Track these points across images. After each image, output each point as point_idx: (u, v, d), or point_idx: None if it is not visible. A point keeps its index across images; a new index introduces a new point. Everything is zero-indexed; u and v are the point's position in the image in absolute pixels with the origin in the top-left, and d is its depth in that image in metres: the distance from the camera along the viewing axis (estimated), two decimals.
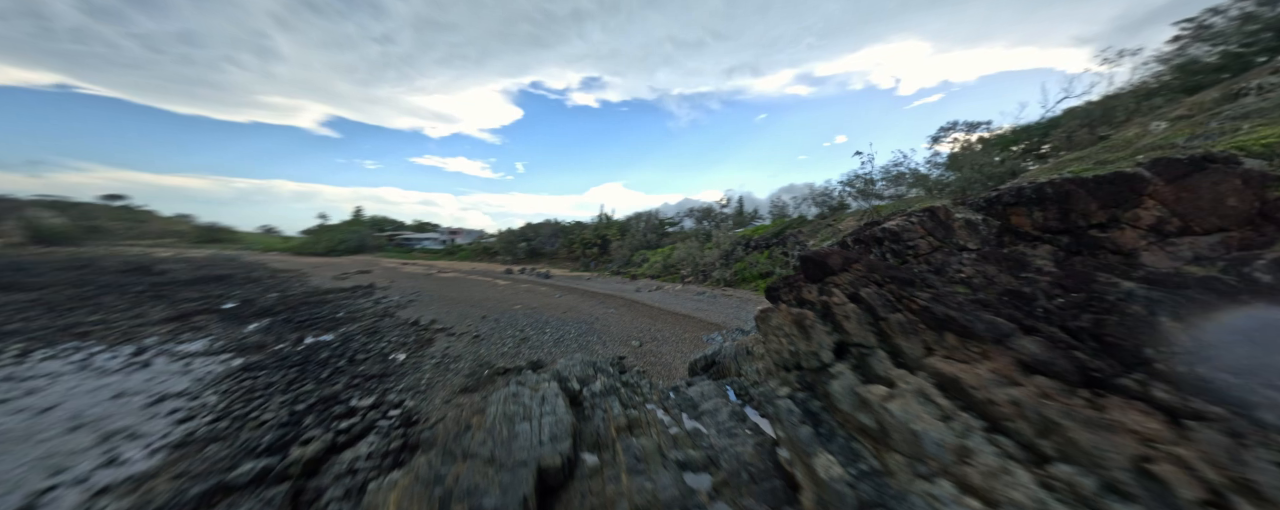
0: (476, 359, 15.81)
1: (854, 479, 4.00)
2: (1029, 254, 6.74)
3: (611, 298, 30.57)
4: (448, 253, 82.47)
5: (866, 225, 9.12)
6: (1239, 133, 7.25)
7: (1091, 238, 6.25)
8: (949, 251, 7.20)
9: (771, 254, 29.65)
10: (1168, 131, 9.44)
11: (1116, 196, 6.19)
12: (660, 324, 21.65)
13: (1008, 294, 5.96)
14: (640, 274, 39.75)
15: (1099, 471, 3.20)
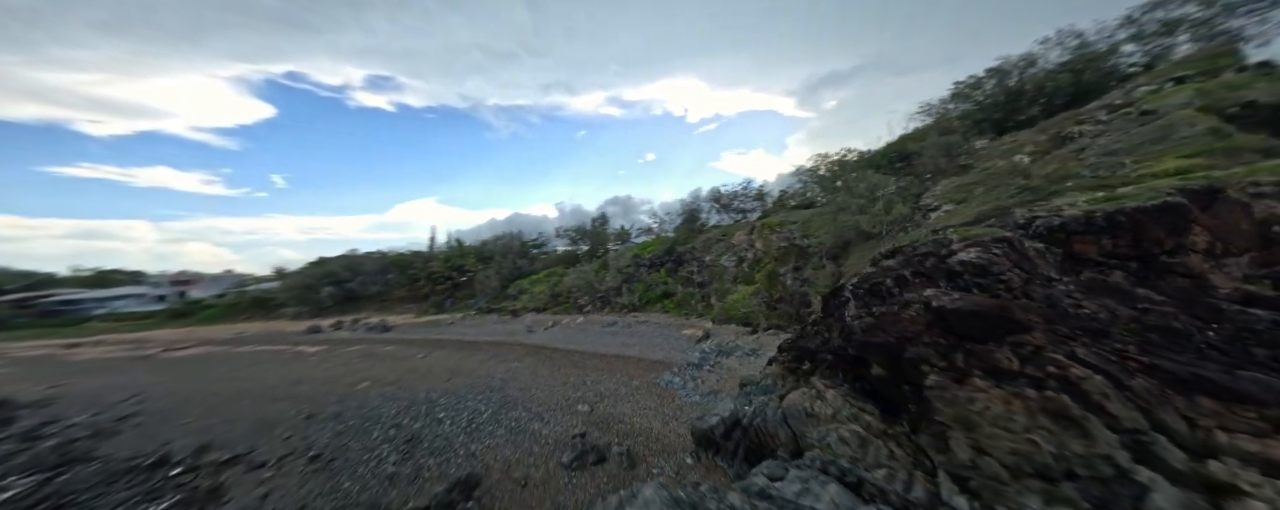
0: (343, 505, 9.47)
1: None
2: (1120, 282, 6.52)
3: (502, 345, 24.76)
4: (176, 315, 54.23)
5: (920, 256, 8.25)
6: (1139, 164, 9.03)
7: (1162, 263, 6.26)
8: (1042, 283, 6.63)
9: (670, 272, 29.14)
10: (1035, 164, 11.97)
11: (1176, 225, 6.32)
12: (593, 373, 17.98)
13: (1160, 331, 5.40)
14: (521, 308, 34.11)
15: None
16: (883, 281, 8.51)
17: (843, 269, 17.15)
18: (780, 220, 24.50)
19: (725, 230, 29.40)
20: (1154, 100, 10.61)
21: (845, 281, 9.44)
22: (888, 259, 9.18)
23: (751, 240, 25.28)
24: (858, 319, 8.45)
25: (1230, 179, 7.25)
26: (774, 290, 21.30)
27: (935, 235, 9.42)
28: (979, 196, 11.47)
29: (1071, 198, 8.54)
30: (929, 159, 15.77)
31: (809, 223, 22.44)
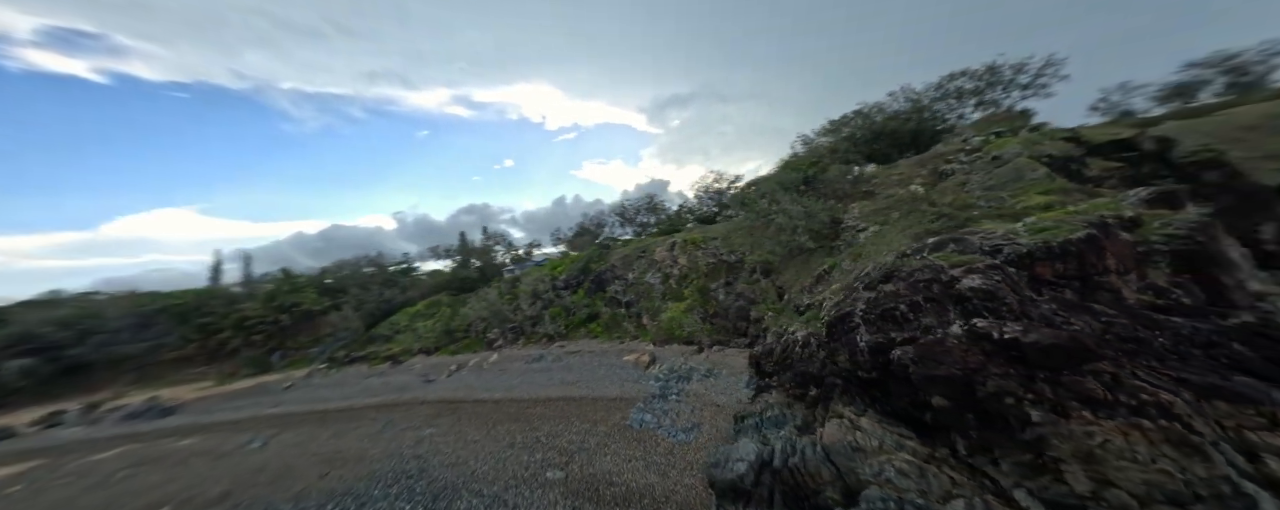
0: None
1: None
2: (1074, 299, 8.27)
3: (395, 406, 19.68)
4: None
5: (925, 281, 9.14)
6: (1015, 198, 11.92)
7: (1096, 282, 8.29)
8: (1031, 304, 8.03)
9: (590, 293, 27.57)
10: (931, 193, 14.97)
11: (1098, 251, 8.45)
12: (544, 424, 15.58)
13: (1134, 341, 6.96)
14: (402, 352, 27.82)
15: None
16: (895, 307, 9.20)
17: (778, 283, 18.68)
18: (701, 236, 25.57)
19: (644, 246, 29.33)
20: (996, 147, 14.98)
21: (852, 308, 9.94)
22: (884, 283, 10.02)
23: (675, 257, 25.72)
24: (889, 346, 8.93)
25: (1089, 212, 10.17)
26: (708, 306, 21.96)
27: (905, 257, 10.66)
28: (900, 220, 13.99)
29: (993, 225, 10.67)
30: (835, 184, 18.73)
31: (729, 238, 23.96)
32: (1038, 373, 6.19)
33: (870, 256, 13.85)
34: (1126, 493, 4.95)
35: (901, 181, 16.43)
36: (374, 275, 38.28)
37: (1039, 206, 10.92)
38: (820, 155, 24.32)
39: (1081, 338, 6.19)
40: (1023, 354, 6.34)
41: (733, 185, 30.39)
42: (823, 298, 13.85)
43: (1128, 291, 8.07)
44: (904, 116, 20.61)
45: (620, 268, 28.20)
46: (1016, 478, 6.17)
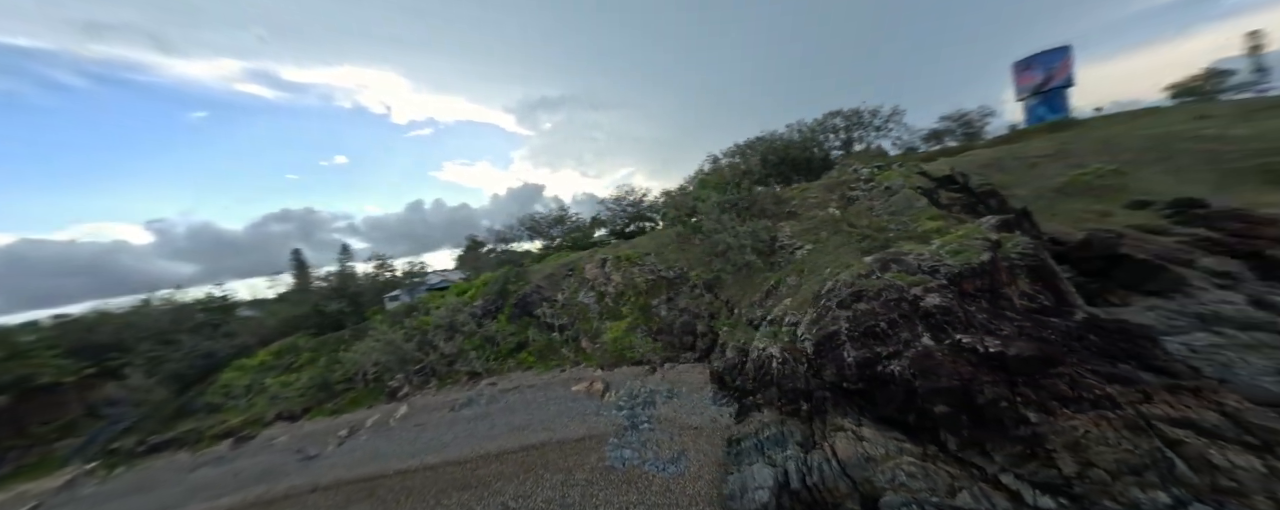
0: None
1: None
2: (989, 307, 10.84)
3: (274, 505, 14.75)
4: None
5: (893, 301, 10.82)
6: (914, 221, 15.02)
7: (1000, 293, 11.09)
8: (973, 314, 10.28)
9: (514, 319, 24.86)
10: (847, 216, 17.78)
11: (997, 268, 11.26)
12: (508, 484, 13.72)
13: (1044, 342, 9.50)
14: (244, 425, 20.96)
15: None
16: (875, 325, 10.62)
17: (723, 298, 19.80)
18: (634, 252, 25.46)
19: (568, 262, 27.77)
20: (883, 178, 18.89)
21: (837, 327, 11.10)
22: (857, 303, 11.47)
23: (608, 274, 25.05)
24: (875, 360, 10.19)
25: (969, 236, 13.47)
26: (651, 323, 22.01)
27: (864, 278, 12.42)
28: (830, 240, 16.39)
29: (911, 245, 13.23)
30: (763, 204, 20.92)
31: (663, 254, 24.45)
32: (1017, 378, 7.87)
33: (813, 272, 15.77)
34: (1103, 470, 6.64)
35: (819, 204, 19.33)
36: (180, 321, 27.40)
37: (934, 230, 14.05)
38: (736, 175, 26.76)
39: (1049, 348, 8.15)
40: (1005, 363, 8.01)
41: (645, 198, 31.16)
42: (780, 312, 15.20)
43: (1017, 300, 10.95)
44: (800, 146, 24.50)
45: (547, 288, 26.22)
46: (1006, 466, 7.70)
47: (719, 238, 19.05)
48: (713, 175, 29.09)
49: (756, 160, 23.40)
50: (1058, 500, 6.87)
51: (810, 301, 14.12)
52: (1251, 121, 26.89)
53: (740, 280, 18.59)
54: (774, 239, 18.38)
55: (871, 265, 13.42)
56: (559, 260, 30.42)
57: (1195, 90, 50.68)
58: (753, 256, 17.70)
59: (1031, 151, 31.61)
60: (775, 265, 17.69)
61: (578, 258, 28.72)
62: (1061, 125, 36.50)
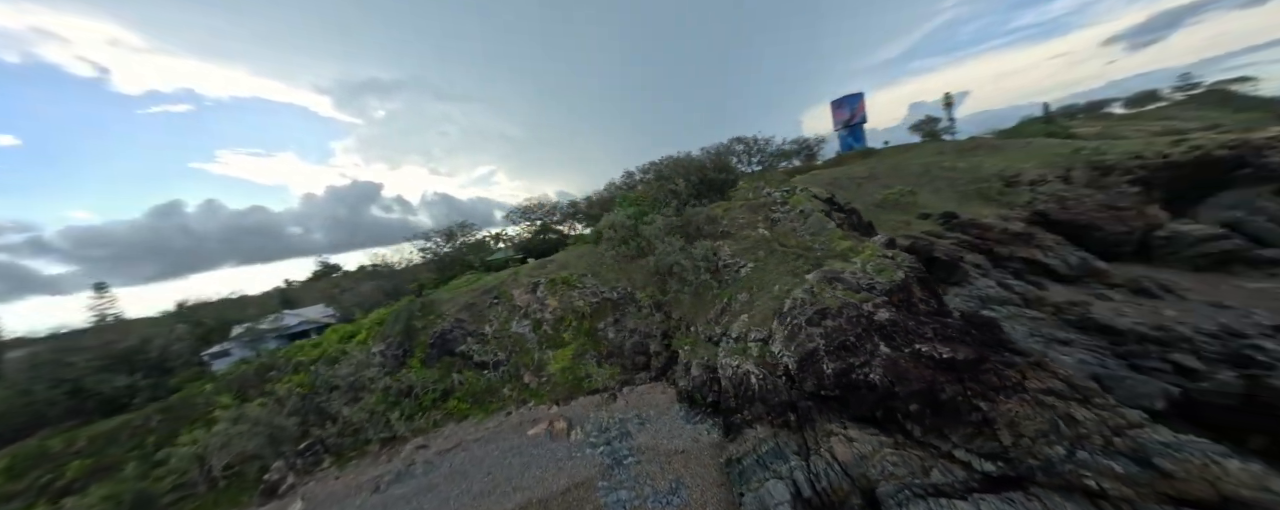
0: None
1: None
2: (912, 315, 14.24)
3: None
4: None
5: (852, 318, 13.25)
6: (832, 242, 18.41)
7: (912, 301, 14.57)
8: (911, 325, 13.36)
9: (429, 363, 20.89)
10: (776, 236, 20.47)
11: (909, 282, 14.80)
12: None
13: (954, 341, 13.00)
14: None
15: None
16: (845, 339, 12.79)
17: (674, 316, 20.54)
18: (570, 274, 24.14)
19: (489, 288, 24.66)
20: (795, 202, 22.37)
21: (816, 344, 12.96)
22: (825, 320, 13.57)
23: (541, 299, 23.26)
24: (849, 370, 12.26)
25: (873, 252, 17.21)
26: (599, 347, 21.46)
27: (816, 294, 14.73)
28: (768, 259, 18.67)
29: (838, 264, 16.25)
30: (698, 225, 22.31)
31: (602, 274, 23.91)
32: (964, 376, 10.65)
33: (762, 289, 17.82)
34: (1029, 438, 9.62)
35: (748, 225, 21.74)
36: None
37: (848, 249, 17.53)
38: (663, 193, 27.71)
39: (979, 350, 11.15)
40: (954, 365, 10.75)
41: (558, 211, 29.97)
42: (740, 329, 16.71)
43: (921, 306, 14.62)
44: (715, 168, 27.14)
45: (469, 320, 22.94)
46: (959, 443, 10.39)
47: (671, 259, 19.80)
48: (635, 192, 29.62)
49: (683, 182, 25.00)
50: (996, 465, 9.66)
51: (771, 317, 15.98)
52: (965, 158, 40.98)
53: (693, 299, 19.70)
54: (717, 258, 20.05)
55: (817, 282, 15.92)
56: (471, 286, 26.83)
57: (924, 130, 74.83)
58: (707, 276, 19.01)
59: (855, 173, 41.70)
60: (723, 283, 19.34)
61: (494, 281, 25.81)
62: (868, 153, 48.94)
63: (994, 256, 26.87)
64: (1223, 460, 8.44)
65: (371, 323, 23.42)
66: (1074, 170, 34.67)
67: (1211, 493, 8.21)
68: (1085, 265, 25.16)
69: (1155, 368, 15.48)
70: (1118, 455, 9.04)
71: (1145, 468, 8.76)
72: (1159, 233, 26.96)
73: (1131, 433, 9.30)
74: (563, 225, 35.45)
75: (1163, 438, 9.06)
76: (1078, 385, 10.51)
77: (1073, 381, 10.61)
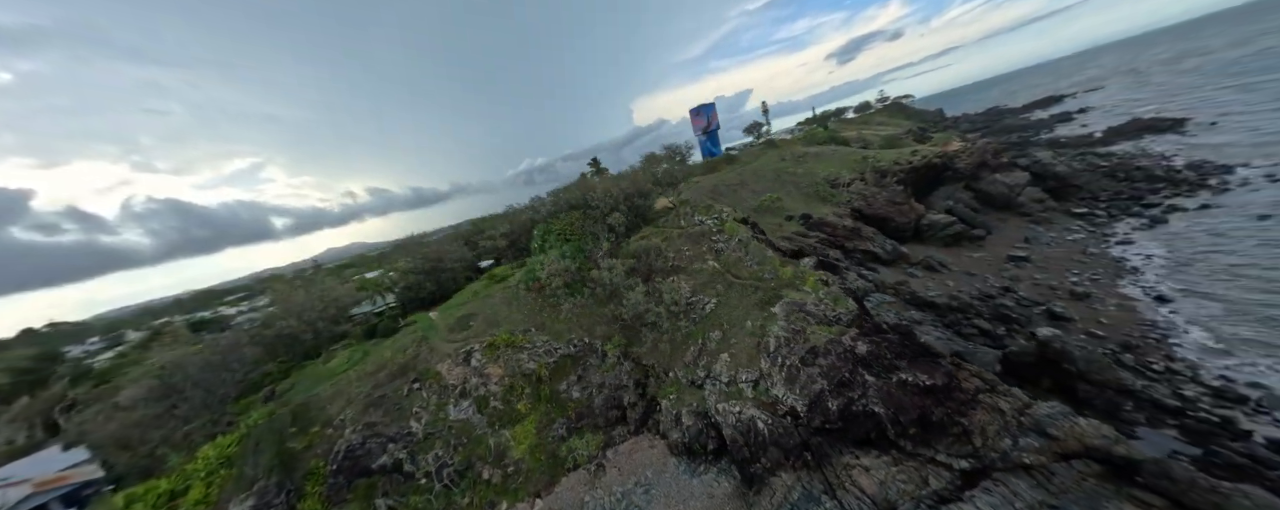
0: None
1: None
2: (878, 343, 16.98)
3: None
4: None
5: (841, 354, 15.03)
6: (776, 269, 20.26)
7: (865, 322, 17.41)
8: (884, 353, 15.91)
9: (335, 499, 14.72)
10: (730, 265, 21.14)
11: (863, 309, 17.67)
12: None
13: (940, 369, 16.22)
14: None
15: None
16: (841, 376, 14.40)
17: (644, 363, 19.43)
18: (507, 335, 20.12)
19: (415, 371, 18.68)
20: (732, 231, 23.34)
21: (821, 384, 14.21)
22: (819, 358, 14.95)
23: (479, 370, 18.95)
24: (850, 403, 13.90)
25: (809, 276, 19.64)
26: (566, 410, 19.03)
27: (799, 331, 16.16)
28: (729, 293, 19.17)
29: (796, 295, 18.19)
30: (650, 263, 21.08)
31: (552, 328, 20.81)
32: (943, 399, 13.28)
33: (733, 325, 18.42)
34: (991, 437, 12.68)
35: (696, 257, 21.83)
36: None
37: (793, 276, 19.60)
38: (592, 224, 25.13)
39: (952, 374, 13.87)
40: (934, 390, 13.29)
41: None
42: (724, 371, 17.01)
43: (868, 325, 17.51)
44: (640, 195, 25.98)
45: (383, 422, 17.21)
46: (941, 450, 13.09)
47: (641, 307, 18.55)
48: (559, 223, 26.44)
49: (620, 216, 23.23)
50: (969, 462, 12.57)
51: (757, 356, 16.74)
52: (801, 165, 50.59)
53: (666, 343, 19.07)
54: (680, 295, 19.80)
55: (786, 316, 17.34)
56: (360, 367, 19.97)
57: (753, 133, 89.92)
58: (683, 321, 18.55)
59: (729, 181, 46.87)
60: (692, 321, 19.28)
61: (398, 356, 19.82)
62: (731, 159, 55.34)
63: (845, 250, 34.28)
64: (1078, 420, 12.86)
65: (209, 465, 15.04)
66: (867, 174, 46.72)
67: (1079, 446, 12.44)
68: (896, 250, 34.42)
69: (970, 333, 22.41)
70: (1030, 432, 12.80)
71: (1046, 438, 12.66)
72: (923, 221, 38.84)
73: (1030, 412, 13.22)
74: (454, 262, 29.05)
75: (1046, 411, 13.18)
76: (986, 378, 14.33)
77: (982, 376, 14.41)
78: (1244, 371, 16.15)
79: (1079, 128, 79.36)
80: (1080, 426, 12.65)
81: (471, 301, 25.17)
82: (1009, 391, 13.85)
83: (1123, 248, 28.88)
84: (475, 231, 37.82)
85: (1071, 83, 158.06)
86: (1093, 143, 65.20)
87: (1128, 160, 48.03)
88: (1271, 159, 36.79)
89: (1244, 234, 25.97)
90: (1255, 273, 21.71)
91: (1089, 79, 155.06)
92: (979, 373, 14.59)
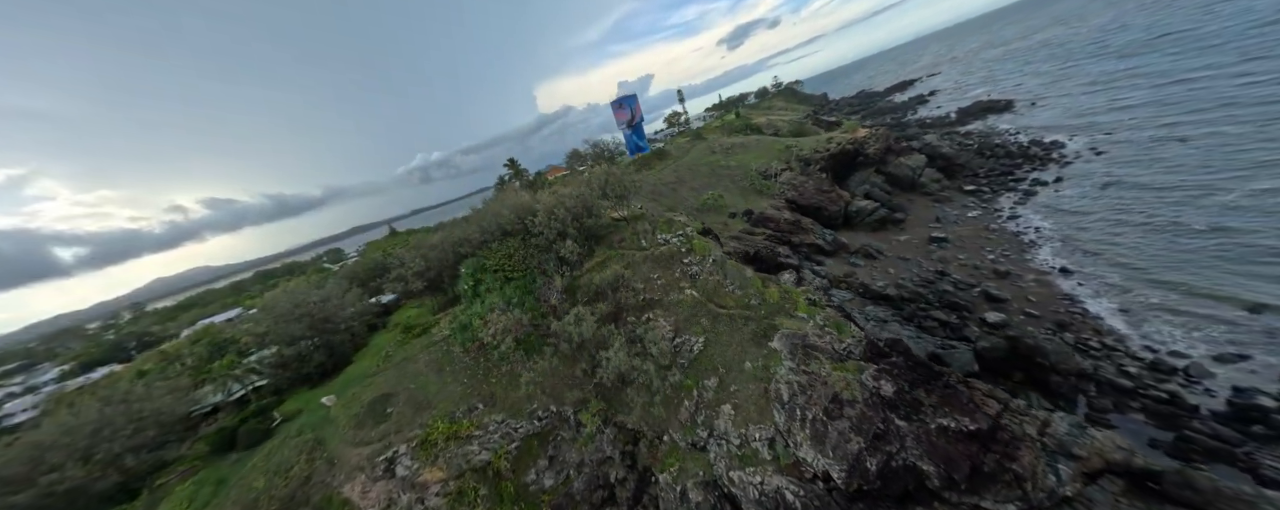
0: None
1: None
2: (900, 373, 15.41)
3: None
4: None
5: (869, 398, 13.08)
6: (760, 292, 17.83)
7: (875, 346, 15.83)
8: (911, 392, 14.25)
9: None
10: (707, 294, 17.98)
11: (871, 338, 16.01)
12: None
13: (980, 414, 14.87)
14: None
15: None
16: (875, 428, 12.39)
17: (629, 426, 15.75)
18: (446, 425, 14.76)
19: (315, 504, 12.45)
20: (701, 250, 20.06)
21: (856, 445, 12.03)
22: (845, 408, 12.78)
23: (412, 480, 13.56)
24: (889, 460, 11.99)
25: (806, 301, 17.60)
26: (539, 505, 14.75)
27: (819, 377, 13.92)
28: (716, 327, 16.12)
29: (789, 323, 16.01)
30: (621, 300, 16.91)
31: (504, 403, 15.89)
32: (990, 445, 11.88)
33: (729, 369, 15.58)
34: (1040, 475, 11.56)
35: (669, 286, 18.36)
36: None
37: (779, 298, 17.37)
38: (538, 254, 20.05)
39: (988, 418, 12.43)
40: (979, 435, 11.83)
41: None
42: (730, 428, 14.16)
43: (875, 352, 15.92)
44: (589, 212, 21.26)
45: None
46: (989, 497, 11.82)
47: (625, 366, 14.67)
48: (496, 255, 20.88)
49: (572, 243, 18.55)
50: (1017, 505, 11.44)
51: (765, 406, 14.13)
52: (732, 157, 49.79)
53: (658, 404, 15.55)
54: (660, 336, 16.34)
55: (788, 352, 15.00)
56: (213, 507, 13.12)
57: (673, 122, 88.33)
58: (673, 372, 15.10)
59: (666, 179, 44.07)
60: (680, 366, 16.02)
61: (277, 483, 13.44)
62: (662, 154, 52.52)
63: (792, 245, 33.88)
64: (1093, 433, 12.46)
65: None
66: (793, 162, 47.58)
67: (1102, 462, 12.01)
68: (836, 241, 35.00)
69: (931, 326, 22.69)
70: (1057, 456, 12.09)
71: (1072, 459, 12.05)
72: (850, 207, 40.40)
73: (1049, 431, 12.55)
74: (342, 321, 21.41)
75: (1064, 428, 12.60)
76: (999, 397, 13.50)
77: (996, 395, 13.56)
78: (1160, 340, 18.03)
79: (935, 109, 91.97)
80: (1098, 441, 12.19)
81: (384, 372, 18.90)
82: (1026, 410, 13.07)
83: (1014, 222, 32.45)
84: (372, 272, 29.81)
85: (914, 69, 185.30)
86: (951, 123, 75.92)
87: (985, 138, 56.03)
88: (1088, 133, 44.96)
89: (1099, 203, 30.53)
90: (1126, 240, 25.24)
91: (926, 66, 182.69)
92: (992, 392, 13.66)
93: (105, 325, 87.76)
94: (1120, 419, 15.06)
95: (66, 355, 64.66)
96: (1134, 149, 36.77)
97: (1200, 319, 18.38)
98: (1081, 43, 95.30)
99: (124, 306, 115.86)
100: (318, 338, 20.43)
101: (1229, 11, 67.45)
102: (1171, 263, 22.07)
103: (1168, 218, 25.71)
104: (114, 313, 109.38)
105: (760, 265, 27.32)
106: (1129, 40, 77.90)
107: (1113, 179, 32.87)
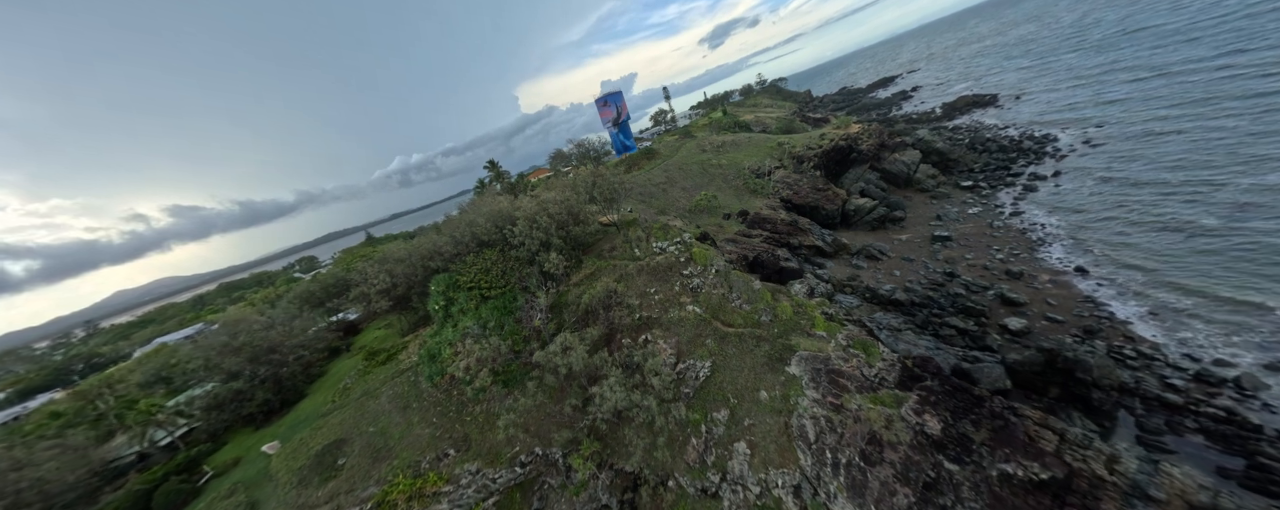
0: None
1: None
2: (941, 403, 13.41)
3: None
4: None
5: (914, 439, 11.06)
6: (769, 305, 15.69)
7: (913, 372, 13.85)
8: (959, 429, 12.28)
9: None
10: (711, 310, 15.72)
11: (905, 362, 13.97)
12: None
13: (1049, 457, 12.90)
14: None
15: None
16: (923, 476, 10.36)
17: (626, 470, 13.42)
18: (416, 481, 12.19)
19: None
20: (702, 258, 17.76)
21: (906, 500, 9.99)
22: (885, 451, 10.71)
23: None
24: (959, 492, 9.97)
25: (823, 316, 15.54)
26: None
27: (830, 413, 11.82)
28: (725, 348, 13.95)
29: (805, 342, 13.91)
30: (615, 320, 14.50)
31: (480, 448, 13.34)
32: (1062, 492, 9.93)
33: (742, 399, 13.42)
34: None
35: (668, 301, 16.08)
36: None
37: (792, 313, 15.27)
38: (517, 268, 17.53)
39: (1062, 466, 10.50)
40: (1052, 484, 9.89)
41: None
42: (747, 471, 12.02)
43: (912, 373, 13.94)
44: (577, 220, 18.82)
45: None
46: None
47: (621, 403, 12.30)
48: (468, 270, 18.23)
49: (556, 255, 16.04)
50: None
51: (787, 444, 12.00)
52: (723, 155, 47.79)
53: (659, 442, 13.25)
54: (659, 359, 14.03)
55: (809, 379, 12.93)
56: None
57: (660, 121, 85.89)
58: (682, 409, 12.82)
59: (656, 179, 41.74)
60: (684, 395, 13.76)
61: None
62: (650, 153, 50.15)
63: (791, 247, 32.01)
64: (1171, 471, 10.69)
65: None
66: (785, 160, 45.83)
67: (1184, 506, 10.23)
68: (836, 241, 33.28)
69: (949, 334, 20.95)
70: (1131, 499, 10.26)
71: (1148, 502, 10.25)
72: (848, 206, 38.79)
73: (1119, 468, 10.72)
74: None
75: (1135, 466, 10.81)
76: (1054, 427, 11.65)
77: (1051, 424, 11.70)
78: (1199, 346, 16.60)
79: (919, 105, 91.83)
80: (1176, 480, 10.43)
81: (341, 408, 16.18)
82: (1087, 443, 11.22)
83: (1018, 219, 31.21)
84: (331, 290, 26.69)
85: (893, 65, 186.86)
86: (938, 118, 75.60)
87: (975, 133, 55.38)
88: (1078, 126, 44.39)
89: (1101, 199, 29.46)
90: (1138, 239, 24.05)
91: (905, 63, 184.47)
92: (1046, 422, 11.80)
93: (55, 345, 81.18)
94: (1178, 442, 13.46)
95: (6, 380, 58.89)
96: (1127, 143, 36.07)
97: (1235, 324, 17.04)
98: (1057, 37, 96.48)
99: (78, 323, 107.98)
100: (263, 370, 17.46)
101: (1197, 6, 68.57)
102: (1192, 263, 20.86)
103: (1178, 215, 24.64)
104: (66, 330, 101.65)
105: (762, 272, 25.33)
106: (1105, 35, 78.78)
107: (1111, 173, 31.96)
